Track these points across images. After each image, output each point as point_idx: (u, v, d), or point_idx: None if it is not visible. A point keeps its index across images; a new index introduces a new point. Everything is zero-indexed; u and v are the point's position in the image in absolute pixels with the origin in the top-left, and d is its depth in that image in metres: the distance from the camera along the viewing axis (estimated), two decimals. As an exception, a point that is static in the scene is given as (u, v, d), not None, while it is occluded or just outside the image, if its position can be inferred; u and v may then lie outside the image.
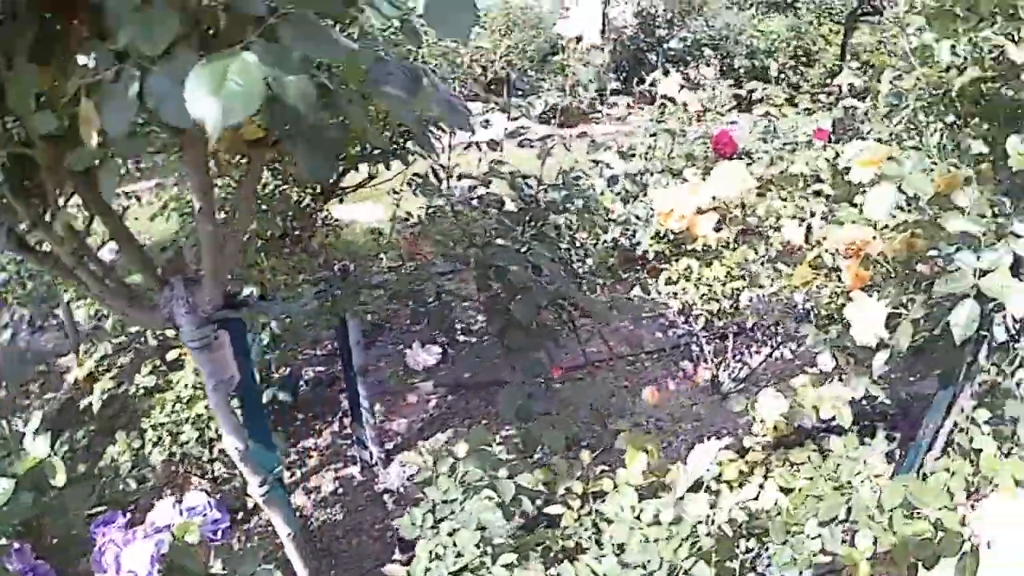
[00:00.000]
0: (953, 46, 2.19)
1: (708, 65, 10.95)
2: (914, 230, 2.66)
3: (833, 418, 2.89)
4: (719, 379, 4.19)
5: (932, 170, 2.00)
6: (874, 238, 2.70)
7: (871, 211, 1.92)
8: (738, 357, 4.54)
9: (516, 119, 3.25)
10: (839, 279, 3.35)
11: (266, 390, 3.41)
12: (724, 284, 3.39)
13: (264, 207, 3.04)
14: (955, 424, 3.00)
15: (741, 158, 4.42)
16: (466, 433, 3.85)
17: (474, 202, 3.22)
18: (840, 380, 3.01)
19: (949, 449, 3.24)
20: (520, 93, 9.02)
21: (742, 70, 10.85)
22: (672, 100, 4.52)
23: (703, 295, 3.40)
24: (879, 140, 3.68)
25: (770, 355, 4.38)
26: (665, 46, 11.25)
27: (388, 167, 3.21)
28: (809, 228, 3.47)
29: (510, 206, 3.16)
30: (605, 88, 9.92)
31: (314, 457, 3.82)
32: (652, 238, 3.67)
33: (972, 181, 2.02)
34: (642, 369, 4.43)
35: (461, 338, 4.27)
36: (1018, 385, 2.79)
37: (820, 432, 3.20)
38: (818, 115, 4.90)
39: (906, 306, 2.66)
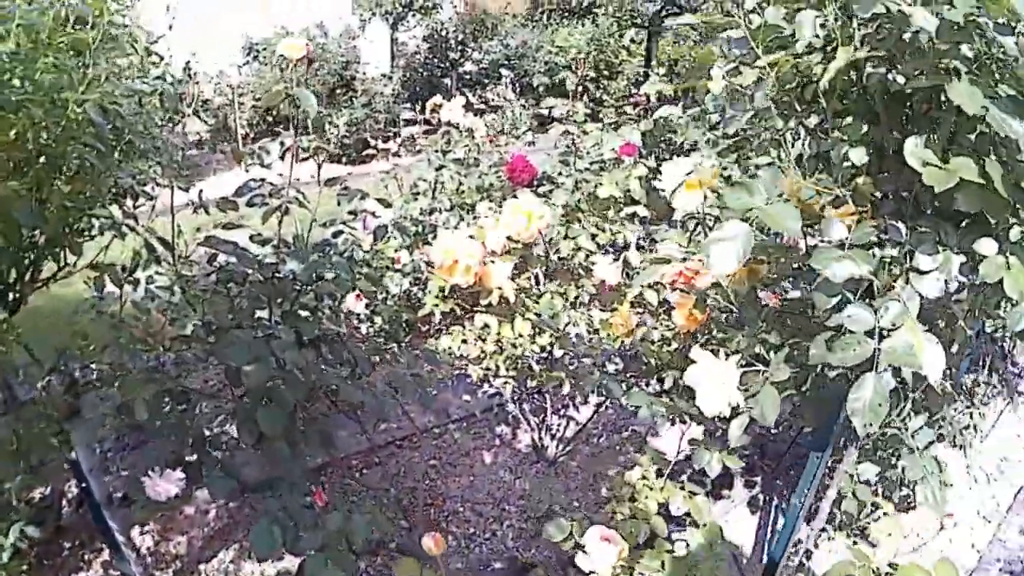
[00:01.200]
0: (821, 22, 1.52)
1: (506, 86, 10.50)
2: (756, 255, 2.10)
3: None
4: (542, 443, 3.54)
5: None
6: (700, 271, 2.12)
7: (718, 265, 1.26)
8: (563, 412, 3.92)
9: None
10: (669, 317, 2.78)
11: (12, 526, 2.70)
12: (532, 341, 2.73)
13: None
14: (839, 493, 2.44)
15: (542, 184, 3.83)
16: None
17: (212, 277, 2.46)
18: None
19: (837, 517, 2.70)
20: (306, 130, 8.21)
21: (541, 88, 10.44)
22: (457, 126, 3.88)
23: (507, 358, 2.73)
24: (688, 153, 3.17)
25: (601, 405, 3.74)
26: (460, 69, 10.72)
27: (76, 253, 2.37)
28: (626, 262, 2.89)
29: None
30: (398, 118, 9.24)
31: (86, 595, 3.05)
32: (436, 296, 2.96)
33: (845, 203, 1.41)
34: (452, 442, 3.71)
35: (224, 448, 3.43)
36: (913, 436, 2.24)
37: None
38: (624, 129, 4.34)
39: (763, 356, 2.07)
